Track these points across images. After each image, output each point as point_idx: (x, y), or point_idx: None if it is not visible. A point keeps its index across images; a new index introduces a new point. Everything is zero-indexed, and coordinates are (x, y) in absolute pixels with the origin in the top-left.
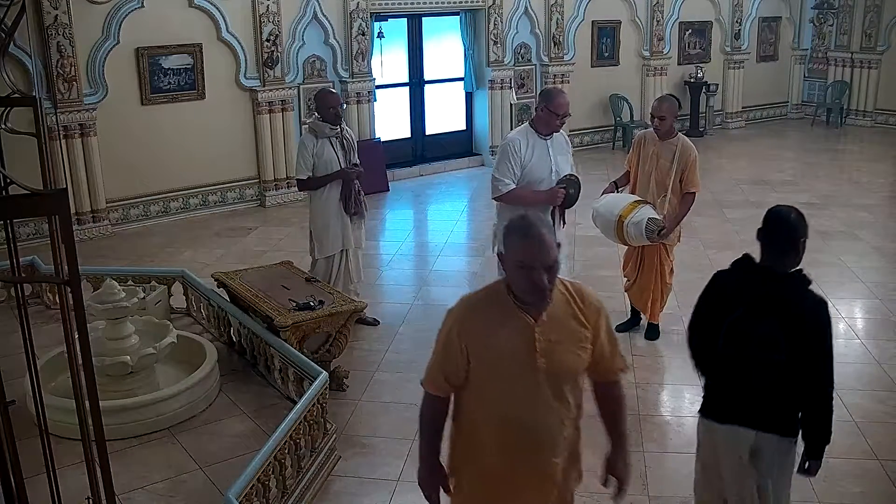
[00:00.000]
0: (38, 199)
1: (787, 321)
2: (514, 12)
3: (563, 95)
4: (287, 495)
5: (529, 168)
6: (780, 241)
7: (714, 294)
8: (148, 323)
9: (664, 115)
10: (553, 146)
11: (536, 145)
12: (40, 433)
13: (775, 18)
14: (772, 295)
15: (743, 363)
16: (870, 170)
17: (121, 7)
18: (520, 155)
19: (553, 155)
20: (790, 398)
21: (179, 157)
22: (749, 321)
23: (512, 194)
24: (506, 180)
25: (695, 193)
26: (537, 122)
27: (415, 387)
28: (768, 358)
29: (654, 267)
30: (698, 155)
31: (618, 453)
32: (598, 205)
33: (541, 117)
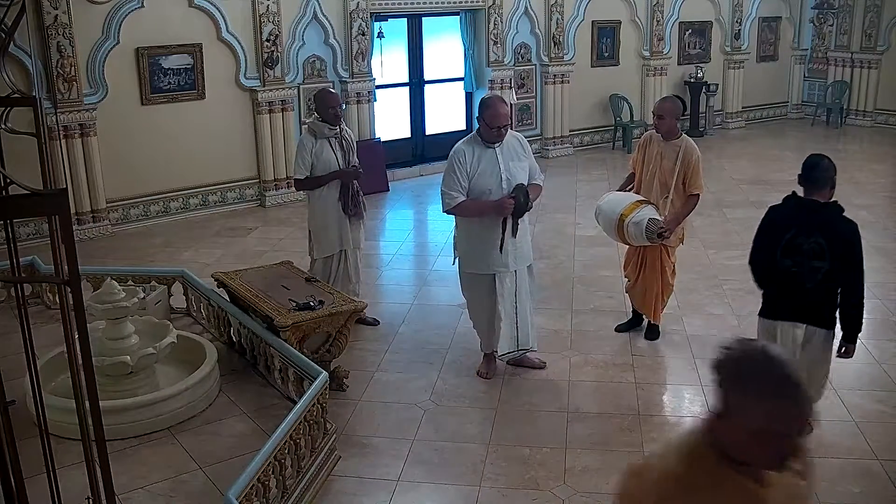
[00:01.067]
0: (38, 199)
1: (829, 238)
2: (514, 12)
3: (501, 105)
4: (287, 495)
5: (476, 178)
6: (817, 179)
7: (769, 221)
8: (148, 323)
9: (663, 115)
10: (503, 153)
11: (483, 155)
12: (40, 433)
13: (775, 18)
14: (817, 218)
15: (796, 271)
16: (870, 170)
17: (121, 7)
18: (465, 166)
19: (503, 162)
20: (831, 298)
21: (179, 157)
22: (800, 238)
23: (461, 206)
24: (453, 193)
25: (698, 195)
26: (481, 131)
27: (414, 387)
28: (815, 266)
29: (656, 268)
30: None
31: None
32: (601, 202)
33: (481, 127)
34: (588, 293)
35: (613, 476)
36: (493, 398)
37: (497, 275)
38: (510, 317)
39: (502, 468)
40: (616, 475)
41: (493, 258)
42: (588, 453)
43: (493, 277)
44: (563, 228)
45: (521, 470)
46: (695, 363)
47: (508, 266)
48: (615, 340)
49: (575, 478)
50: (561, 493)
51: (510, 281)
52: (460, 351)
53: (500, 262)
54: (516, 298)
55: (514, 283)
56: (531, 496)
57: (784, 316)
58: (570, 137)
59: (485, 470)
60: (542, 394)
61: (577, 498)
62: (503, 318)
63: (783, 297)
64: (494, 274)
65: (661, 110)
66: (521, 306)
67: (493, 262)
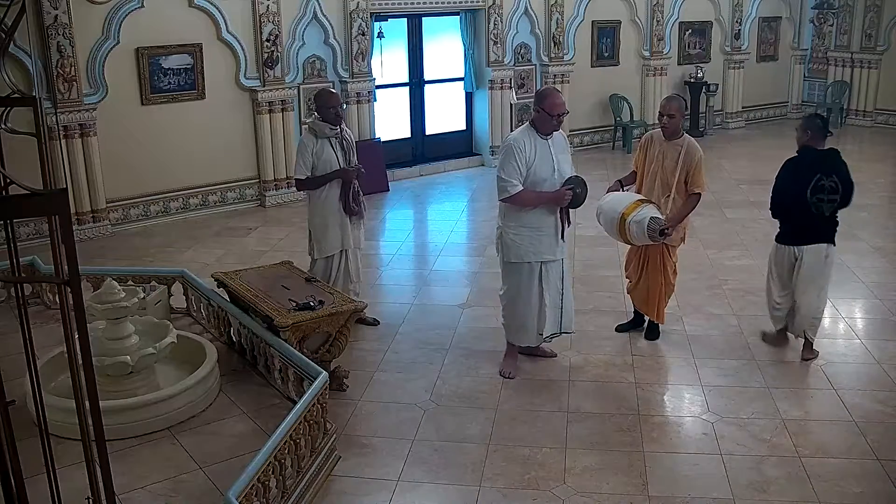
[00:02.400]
0: (38, 199)
1: (839, 176)
2: (514, 12)
3: (558, 95)
4: (287, 495)
5: (534, 168)
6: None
7: (795, 170)
8: (148, 323)
9: (673, 114)
10: (554, 146)
11: (538, 145)
12: (40, 433)
13: (775, 18)
14: (831, 163)
15: (822, 204)
16: (870, 170)
17: (121, 7)
18: (524, 155)
19: (555, 154)
20: (834, 220)
21: (179, 157)
22: (823, 179)
23: (520, 196)
24: (513, 181)
25: (700, 194)
26: (536, 122)
27: (414, 387)
28: (832, 198)
29: (658, 268)
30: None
31: None
32: (602, 202)
33: (538, 118)
34: (588, 293)
35: (613, 476)
36: (493, 398)
37: (544, 263)
38: (556, 302)
39: (502, 468)
40: (616, 475)
41: (542, 247)
42: (588, 453)
43: (538, 266)
44: None
45: (521, 470)
46: (695, 363)
47: (556, 255)
48: (615, 340)
49: (575, 478)
50: (561, 493)
51: (557, 268)
52: (460, 351)
53: (549, 251)
54: (562, 284)
55: (561, 271)
56: (531, 496)
57: (807, 241)
58: (570, 137)
59: (485, 470)
60: (542, 394)
61: (577, 498)
62: (548, 304)
63: (806, 226)
64: (541, 262)
65: (670, 109)
66: (566, 292)
67: (543, 250)
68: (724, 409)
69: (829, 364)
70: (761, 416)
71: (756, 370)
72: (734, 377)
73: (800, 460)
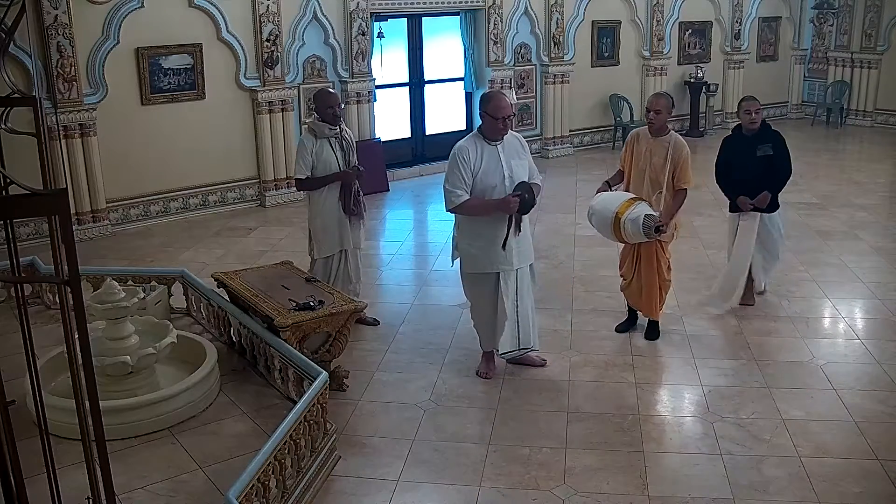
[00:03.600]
0: (38, 199)
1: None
2: (514, 12)
3: (502, 98)
4: (287, 495)
5: (480, 176)
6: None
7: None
8: (148, 323)
9: (660, 109)
10: (505, 150)
11: (486, 151)
12: (40, 433)
13: (775, 18)
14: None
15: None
16: (870, 170)
17: (121, 7)
18: (469, 163)
19: (505, 160)
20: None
21: (179, 157)
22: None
23: (466, 205)
24: (458, 191)
25: (686, 189)
26: (483, 127)
27: (414, 387)
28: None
29: (653, 265)
30: (690, 152)
31: None
32: (593, 203)
33: (484, 123)
34: (588, 293)
35: (613, 476)
36: (493, 398)
37: (501, 273)
38: (512, 316)
39: (502, 468)
40: (616, 475)
41: (496, 257)
42: (588, 453)
43: (497, 276)
44: (562, 228)
45: (521, 470)
46: (695, 363)
47: (512, 264)
48: (615, 340)
49: (575, 478)
50: (561, 493)
51: (513, 279)
52: (460, 351)
53: (503, 261)
54: (517, 297)
55: (517, 282)
56: (531, 496)
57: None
58: (570, 137)
59: (485, 470)
60: (542, 394)
61: (577, 498)
62: (507, 316)
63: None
64: (498, 273)
65: (657, 105)
66: (521, 305)
67: (497, 260)
68: (724, 409)
69: (829, 364)
70: (761, 416)
71: (756, 370)
72: (734, 377)
73: (800, 460)
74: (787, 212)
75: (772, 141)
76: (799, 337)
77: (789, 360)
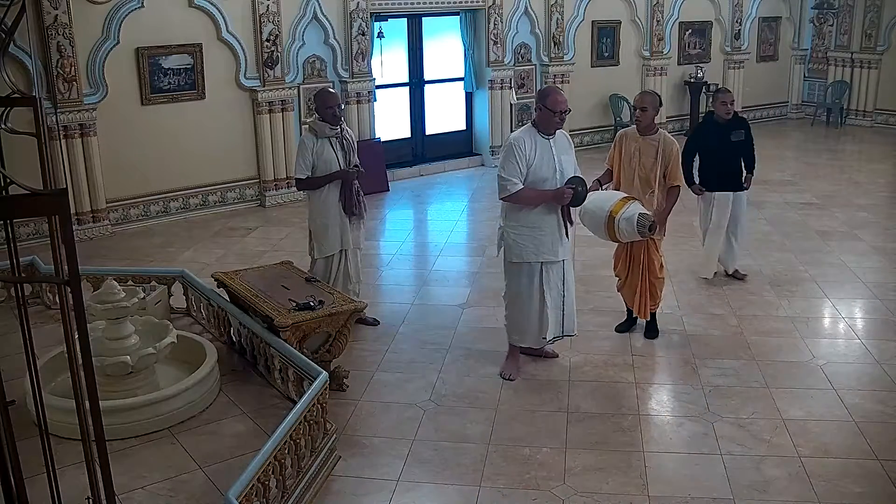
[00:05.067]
0: (38, 199)
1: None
2: (514, 12)
3: (560, 93)
4: (287, 495)
5: (534, 167)
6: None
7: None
8: (148, 323)
9: (645, 107)
10: (556, 145)
11: (540, 144)
12: (40, 433)
13: (775, 18)
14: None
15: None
16: (870, 170)
17: (121, 7)
18: (525, 154)
19: (556, 154)
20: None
21: (179, 157)
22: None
23: (520, 194)
24: (514, 180)
25: (679, 186)
26: (539, 121)
27: (414, 387)
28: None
29: (645, 264)
30: (681, 149)
31: None
32: (586, 202)
33: (541, 116)
34: (588, 293)
35: (613, 476)
36: (493, 398)
37: (545, 264)
38: (557, 304)
39: (502, 468)
40: (616, 475)
41: (542, 247)
42: (588, 453)
43: (539, 266)
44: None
45: (521, 470)
46: (695, 363)
47: (558, 255)
48: (615, 340)
49: (575, 478)
50: (561, 493)
51: (558, 270)
52: (460, 351)
53: (550, 251)
54: (563, 287)
55: (562, 272)
56: (531, 496)
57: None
58: (570, 137)
59: (485, 470)
60: (542, 394)
61: (577, 498)
62: (550, 306)
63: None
64: (542, 263)
65: (643, 102)
66: (568, 294)
67: (545, 250)
68: (724, 409)
69: (829, 364)
70: (761, 416)
71: (756, 370)
72: (734, 377)
73: (800, 460)
74: (787, 212)
75: (744, 127)
76: (799, 337)
77: (789, 360)
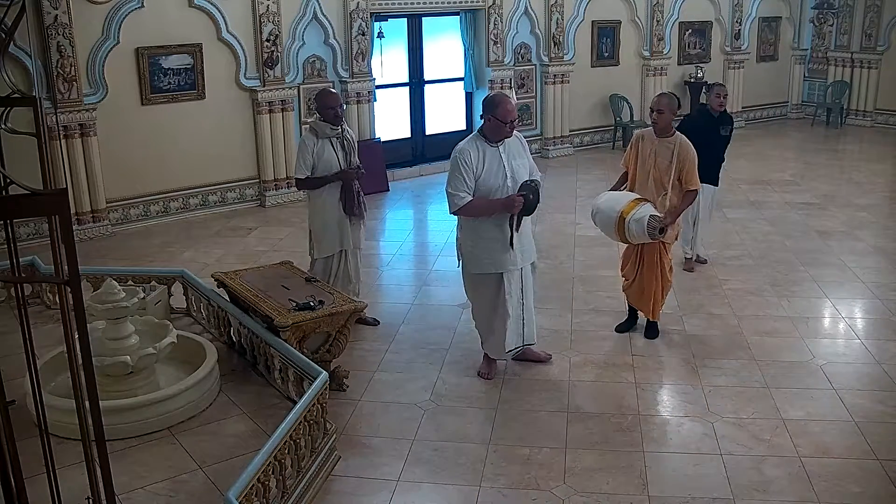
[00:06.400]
0: (38, 199)
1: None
2: (514, 12)
3: (509, 101)
4: (287, 495)
5: (482, 178)
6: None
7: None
8: (148, 323)
9: (662, 109)
10: (506, 151)
11: (487, 153)
12: (40, 433)
13: (775, 18)
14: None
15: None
16: (870, 170)
17: (121, 7)
18: (471, 166)
19: (507, 161)
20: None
21: (179, 157)
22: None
23: (469, 206)
24: (461, 193)
25: (696, 191)
26: (486, 130)
27: (414, 387)
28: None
29: (655, 265)
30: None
31: None
32: (598, 202)
33: (489, 126)
34: (588, 293)
35: (613, 476)
36: (493, 398)
37: (504, 273)
38: (517, 314)
39: (502, 468)
40: (616, 475)
41: (500, 257)
42: (588, 453)
43: (500, 276)
44: (563, 228)
45: (521, 470)
46: (695, 363)
47: (516, 263)
48: (615, 340)
49: (575, 478)
50: (561, 493)
51: (517, 278)
52: (460, 351)
53: (507, 261)
54: (523, 295)
55: (521, 280)
56: (531, 496)
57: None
58: (570, 137)
59: (485, 470)
60: (542, 394)
61: (577, 498)
62: (511, 315)
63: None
64: (501, 273)
65: (659, 105)
66: (527, 302)
67: (501, 260)
68: (724, 409)
69: (829, 364)
70: (761, 416)
71: (756, 370)
72: (734, 377)
73: (800, 460)
74: (787, 212)
75: (730, 124)
76: (799, 337)
77: (789, 360)
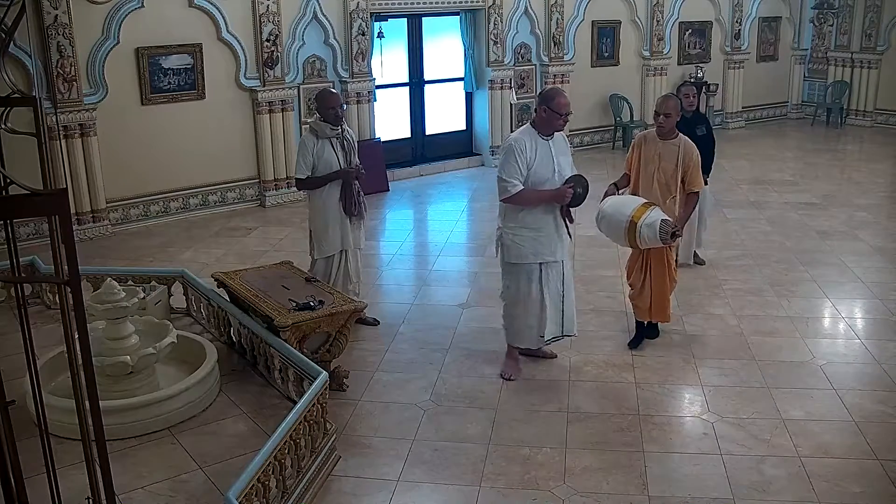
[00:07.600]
0: (38, 199)
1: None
2: (514, 12)
3: (564, 95)
4: (287, 495)
5: (534, 168)
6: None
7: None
8: (148, 323)
9: (670, 112)
10: (555, 147)
11: (539, 146)
12: (40, 433)
13: (775, 18)
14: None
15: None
16: (870, 170)
17: (121, 7)
18: (525, 155)
19: (555, 156)
20: None
21: (179, 157)
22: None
23: (521, 195)
24: (514, 181)
25: (698, 193)
26: (539, 122)
27: (414, 387)
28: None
29: (664, 265)
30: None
31: None
32: (603, 206)
33: (542, 118)
34: (588, 293)
35: (613, 476)
36: (493, 398)
37: (543, 264)
38: (556, 305)
39: (502, 468)
40: (616, 475)
41: (542, 247)
42: (588, 453)
43: (539, 267)
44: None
45: (521, 470)
46: (695, 363)
47: (556, 256)
48: (615, 340)
49: (575, 478)
50: (561, 493)
51: (556, 270)
52: (460, 351)
53: (549, 252)
54: (563, 286)
55: (561, 272)
56: (531, 496)
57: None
58: (570, 137)
59: (485, 470)
60: (542, 394)
61: (577, 498)
62: (549, 305)
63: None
64: (541, 264)
65: (666, 108)
66: (567, 294)
67: (542, 251)
68: (724, 409)
69: (829, 364)
70: (761, 416)
71: (756, 370)
72: (734, 377)
73: (800, 460)
74: (787, 212)
75: (704, 123)
76: (799, 337)
77: (789, 360)
